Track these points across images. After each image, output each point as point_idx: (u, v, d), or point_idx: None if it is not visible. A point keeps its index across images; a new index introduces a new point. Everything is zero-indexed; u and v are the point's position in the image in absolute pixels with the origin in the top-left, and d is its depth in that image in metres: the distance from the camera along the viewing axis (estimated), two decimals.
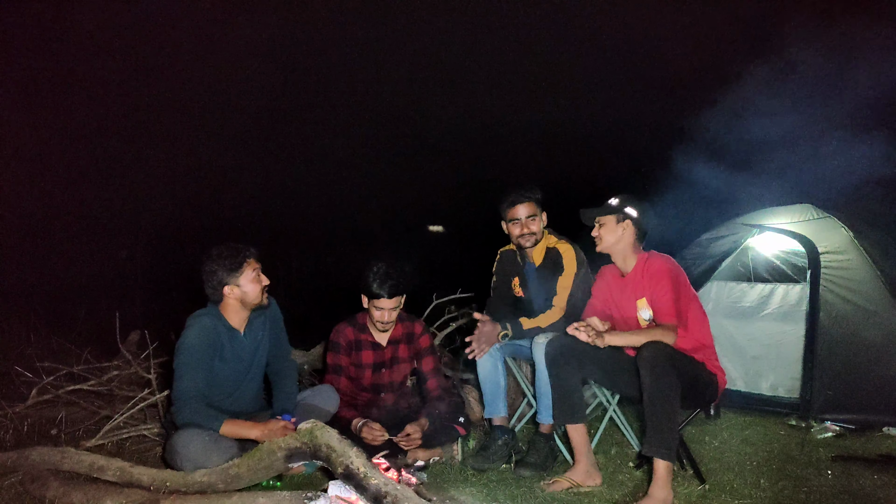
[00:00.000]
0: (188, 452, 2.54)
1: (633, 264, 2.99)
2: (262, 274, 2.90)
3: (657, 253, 2.99)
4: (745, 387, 4.19)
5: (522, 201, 3.40)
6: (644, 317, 2.93)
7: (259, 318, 3.00)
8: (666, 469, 2.55)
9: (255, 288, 2.85)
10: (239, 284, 2.82)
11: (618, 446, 3.41)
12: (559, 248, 3.44)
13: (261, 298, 2.88)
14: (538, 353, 3.08)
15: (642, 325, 2.93)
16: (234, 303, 2.85)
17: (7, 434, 3.37)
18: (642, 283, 2.93)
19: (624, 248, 2.98)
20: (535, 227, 3.42)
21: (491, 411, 3.37)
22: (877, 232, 4.20)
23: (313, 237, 10.44)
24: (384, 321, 3.20)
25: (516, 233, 3.43)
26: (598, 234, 3.01)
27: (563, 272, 3.38)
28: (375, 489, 2.06)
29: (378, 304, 3.15)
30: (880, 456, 3.20)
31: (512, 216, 3.42)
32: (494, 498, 2.73)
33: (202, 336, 2.75)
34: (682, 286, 2.88)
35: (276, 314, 3.12)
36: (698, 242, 4.71)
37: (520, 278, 3.58)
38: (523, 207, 3.40)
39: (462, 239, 10.50)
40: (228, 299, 2.84)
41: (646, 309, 2.91)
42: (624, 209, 2.96)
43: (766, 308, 4.22)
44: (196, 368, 2.71)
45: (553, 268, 3.41)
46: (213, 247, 2.85)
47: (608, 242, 2.99)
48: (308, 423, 2.34)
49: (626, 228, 2.95)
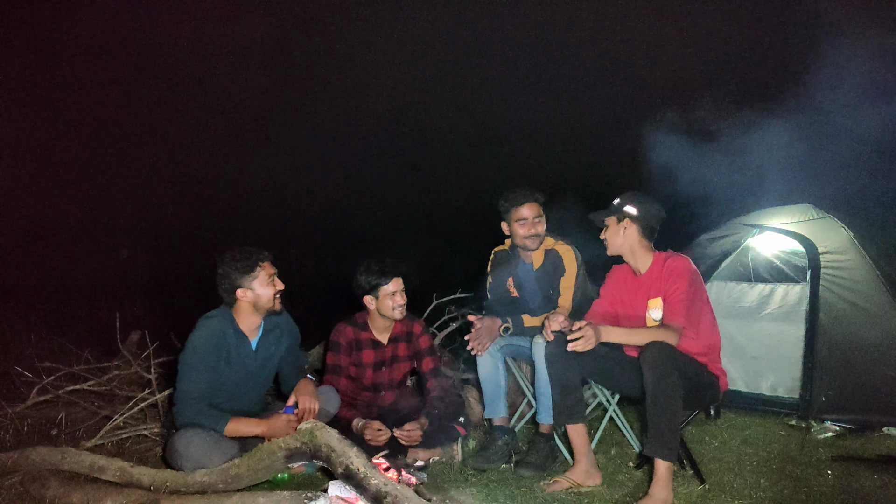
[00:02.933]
0: (189, 452, 2.54)
1: (648, 263, 2.95)
2: (277, 279, 2.90)
3: (676, 253, 2.96)
4: (745, 387, 4.19)
5: (530, 201, 3.38)
6: (654, 317, 2.89)
7: (274, 333, 3.00)
8: (667, 469, 2.55)
9: (267, 292, 2.85)
10: (252, 288, 2.83)
11: (618, 446, 3.41)
12: (558, 249, 3.44)
13: (273, 303, 2.88)
14: (538, 353, 3.08)
15: (650, 323, 2.90)
16: (246, 306, 2.85)
17: (7, 434, 3.37)
18: (659, 282, 2.88)
19: (631, 247, 2.95)
20: (541, 229, 3.41)
21: (491, 411, 3.37)
22: (877, 232, 4.20)
23: (313, 237, 10.44)
24: (398, 304, 3.23)
25: (522, 233, 3.40)
26: (604, 236, 2.99)
27: (565, 273, 3.38)
28: (375, 489, 2.06)
29: (385, 291, 3.20)
30: (880, 456, 3.20)
31: (518, 216, 3.39)
32: (494, 498, 2.73)
33: (209, 338, 2.75)
34: (698, 289, 2.86)
35: (294, 333, 3.13)
36: (698, 242, 4.70)
37: (514, 279, 3.58)
38: (531, 207, 3.38)
39: (462, 239, 10.50)
40: (241, 302, 2.84)
41: (657, 309, 2.87)
42: (623, 208, 2.93)
43: (766, 308, 4.22)
44: (200, 370, 2.71)
45: (553, 269, 3.41)
46: (228, 249, 2.85)
47: (615, 244, 2.96)
48: (308, 424, 2.34)
49: (627, 227, 2.93)
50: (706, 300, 2.93)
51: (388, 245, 9.62)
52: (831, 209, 4.30)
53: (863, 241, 3.98)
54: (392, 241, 10.07)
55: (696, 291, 2.84)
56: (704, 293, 2.92)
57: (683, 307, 2.76)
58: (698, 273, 2.91)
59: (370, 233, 10.54)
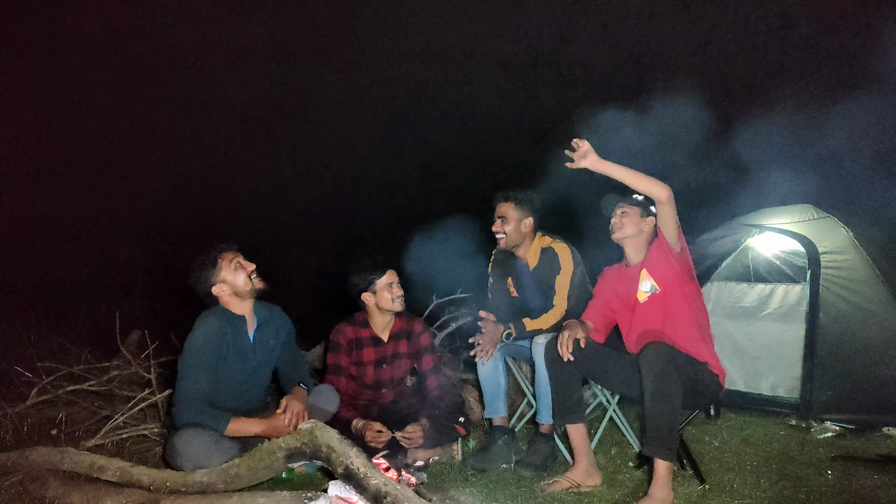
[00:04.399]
0: (189, 452, 2.54)
1: (642, 256, 3.00)
2: (244, 261, 2.91)
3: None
4: (745, 387, 4.19)
5: (499, 200, 3.45)
6: (643, 289, 2.94)
7: (269, 325, 3.02)
8: (666, 469, 2.55)
9: (239, 275, 2.86)
10: (224, 280, 2.85)
11: (618, 446, 3.41)
12: (554, 247, 3.43)
13: (252, 283, 2.88)
14: (538, 353, 3.08)
15: (641, 298, 2.95)
16: (229, 298, 2.89)
17: (7, 434, 3.37)
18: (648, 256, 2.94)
19: (641, 240, 2.99)
20: (505, 228, 3.41)
21: (491, 411, 3.37)
22: (877, 232, 4.20)
23: (313, 237, 10.44)
24: (397, 294, 3.25)
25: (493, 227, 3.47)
26: (618, 221, 2.98)
27: (561, 271, 3.38)
28: (375, 489, 2.06)
29: (381, 284, 3.22)
30: (880, 456, 3.20)
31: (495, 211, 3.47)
32: (494, 498, 2.73)
33: (208, 337, 2.76)
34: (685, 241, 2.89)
35: (289, 328, 3.16)
36: (698, 242, 4.70)
37: (513, 279, 3.59)
38: (498, 207, 3.44)
39: (462, 239, 10.49)
40: (223, 298, 2.88)
41: (646, 280, 2.92)
42: (650, 206, 2.94)
43: (766, 308, 4.22)
44: (200, 370, 2.72)
45: (549, 268, 3.41)
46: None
47: (629, 232, 2.97)
48: (308, 423, 2.34)
49: (648, 224, 2.97)
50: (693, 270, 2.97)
51: (387, 246, 9.63)
52: (831, 209, 4.30)
53: (863, 241, 3.98)
54: (392, 240, 10.07)
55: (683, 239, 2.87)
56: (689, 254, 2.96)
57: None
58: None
59: (370, 233, 10.54)
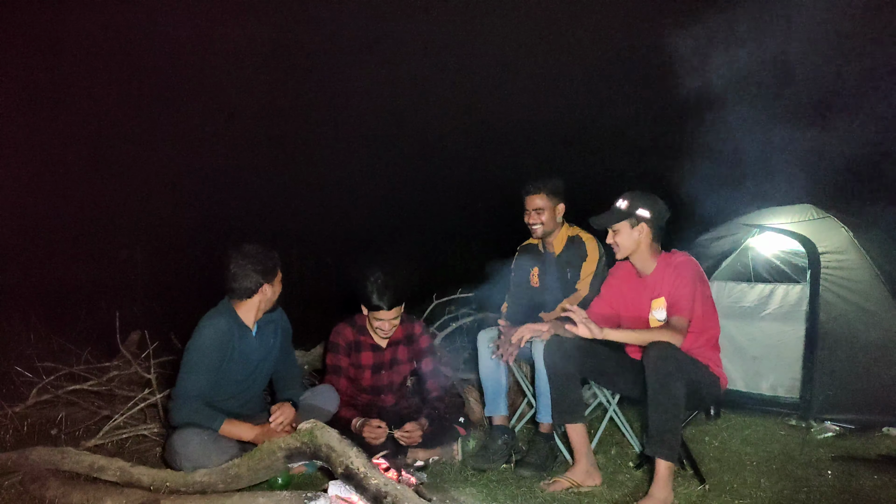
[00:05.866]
0: (188, 452, 2.54)
1: (653, 266, 2.93)
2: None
3: (680, 251, 2.96)
4: (745, 387, 4.19)
5: (529, 193, 3.52)
6: (658, 317, 2.87)
7: (269, 326, 3.02)
8: (667, 469, 2.55)
9: (278, 292, 2.93)
10: (272, 285, 2.89)
11: (618, 446, 3.41)
12: (581, 236, 3.54)
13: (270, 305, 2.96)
14: (538, 353, 3.08)
15: (653, 323, 2.89)
16: (256, 303, 2.87)
17: (7, 434, 3.37)
18: (664, 280, 2.86)
19: (644, 249, 2.91)
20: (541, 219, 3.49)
21: (491, 409, 3.37)
22: (877, 232, 4.20)
23: (313, 238, 10.43)
24: (385, 330, 3.19)
25: (526, 220, 3.55)
26: (614, 242, 2.94)
27: (587, 258, 3.46)
28: (375, 489, 2.06)
29: (378, 316, 3.12)
30: (880, 456, 3.20)
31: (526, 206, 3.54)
32: (494, 498, 2.73)
33: (215, 338, 2.75)
34: (701, 283, 2.84)
35: (287, 328, 3.16)
36: (698, 242, 4.70)
37: (539, 268, 3.63)
38: (529, 199, 3.51)
39: (462, 239, 10.50)
40: (254, 299, 2.85)
41: (661, 309, 2.86)
42: (636, 212, 2.87)
43: (766, 308, 4.22)
44: (202, 370, 2.71)
45: (576, 255, 3.49)
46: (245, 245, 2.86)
47: (627, 248, 2.91)
48: (308, 423, 2.34)
49: (641, 231, 2.88)
50: (708, 296, 2.91)
51: (387, 246, 9.63)
52: (831, 209, 4.30)
53: (863, 240, 3.98)
54: (392, 240, 10.08)
55: (702, 288, 2.82)
56: (707, 288, 2.91)
57: (690, 301, 2.75)
58: (703, 272, 2.90)
59: (370, 233, 10.54)
